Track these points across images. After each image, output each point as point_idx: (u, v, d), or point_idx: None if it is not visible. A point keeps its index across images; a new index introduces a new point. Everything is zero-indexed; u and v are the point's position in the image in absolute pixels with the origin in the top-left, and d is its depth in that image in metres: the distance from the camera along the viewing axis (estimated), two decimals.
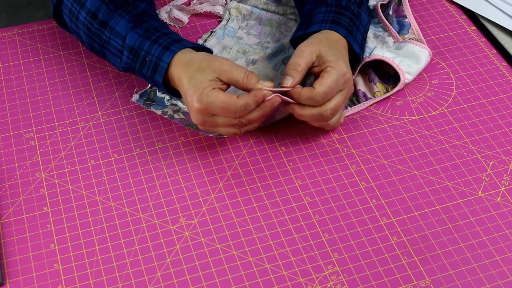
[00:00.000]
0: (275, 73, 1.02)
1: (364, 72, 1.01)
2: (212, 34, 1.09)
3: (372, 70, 1.01)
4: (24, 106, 1.00)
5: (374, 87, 1.00)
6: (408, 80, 0.99)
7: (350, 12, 0.95)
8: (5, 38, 1.10)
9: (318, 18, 0.95)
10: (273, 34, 1.08)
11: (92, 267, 0.82)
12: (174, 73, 0.89)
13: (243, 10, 1.11)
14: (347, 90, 0.90)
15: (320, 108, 0.88)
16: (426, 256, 0.83)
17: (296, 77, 0.88)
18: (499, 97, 1.00)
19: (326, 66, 0.88)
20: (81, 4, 0.95)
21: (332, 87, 0.87)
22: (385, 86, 1.00)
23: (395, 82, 1.00)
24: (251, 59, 1.04)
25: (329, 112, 0.89)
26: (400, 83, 0.99)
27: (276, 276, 0.81)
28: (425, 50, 1.01)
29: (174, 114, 0.97)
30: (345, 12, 0.95)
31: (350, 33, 0.94)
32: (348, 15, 0.95)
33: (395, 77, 1.01)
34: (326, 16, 0.95)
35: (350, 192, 0.89)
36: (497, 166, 0.92)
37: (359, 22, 0.96)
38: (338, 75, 0.88)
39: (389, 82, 1.01)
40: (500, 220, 0.86)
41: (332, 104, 0.89)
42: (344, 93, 0.90)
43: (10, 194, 0.90)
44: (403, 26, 1.06)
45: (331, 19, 0.94)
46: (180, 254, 0.83)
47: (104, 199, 0.89)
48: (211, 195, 0.89)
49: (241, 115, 0.86)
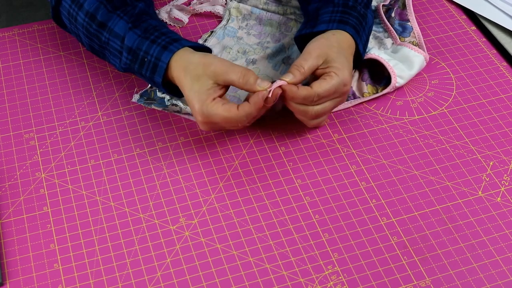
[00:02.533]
0: (275, 72, 1.02)
1: (359, 70, 1.01)
2: (212, 34, 1.09)
3: (367, 70, 1.01)
4: (24, 106, 1.00)
5: (365, 87, 1.00)
6: (399, 84, 0.99)
7: (357, 12, 0.95)
8: (5, 38, 1.10)
9: (325, 17, 0.95)
10: (273, 34, 1.08)
11: (92, 267, 0.82)
12: (174, 74, 0.89)
13: (243, 10, 1.11)
14: (339, 100, 0.90)
15: (307, 106, 0.89)
16: (426, 256, 0.83)
17: (298, 77, 0.88)
18: (499, 97, 1.00)
19: (330, 71, 0.88)
20: (79, 6, 0.95)
21: (329, 93, 0.88)
22: (375, 87, 1.00)
23: (387, 84, 1.00)
24: (251, 58, 1.04)
25: (313, 113, 0.89)
26: (390, 86, 0.99)
27: (276, 276, 0.81)
28: (420, 55, 1.01)
29: (175, 113, 0.97)
30: (352, 12, 0.95)
31: (358, 33, 0.94)
32: (355, 15, 0.95)
33: (387, 79, 1.01)
34: (333, 16, 0.94)
35: (350, 192, 0.89)
36: (497, 166, 0.92)
37: (365, 23, 0.96)
38: (339, 83, 0.88)
39: (381, 84, 1.01)
40: (500, 220, 0.86)
41: (320, 107, 0.89)
42: (336, 101, 0.90)
43: (10, 194, 0.90)
44: (405, 29, 1.06)
45: (338, 19, 0.94)
46: (180, 254, 0.83)
47: (104, 199, 0.89)
48: (211, 195, 0.89)
49: (244, 125, 0.87)
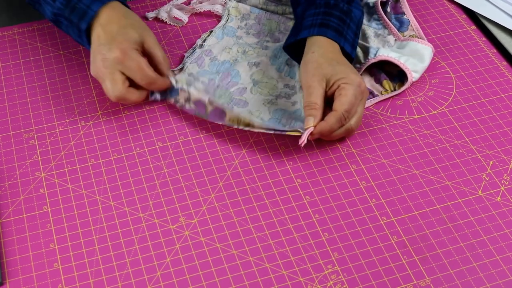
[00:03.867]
0: (280, 74, 1.02)
1: (371, 72, 1.01)
2: (211, 34, 1.09)
3: (377, 70, 1.01)
4: (24, 106, 1.00)
5: (380, 86, 1.00)
6: (415, 79, 1.00)
7: (339, 10, 0.95)
8: (5, 37, 1.10)
9: (307, 21, 0.95)
10: (272, 33, 1.08)
11: (92, 267, 0.82)
12: (103, 21, 0.94)
13: (242, 9, 1.11)
14: (365, 98, 0.91)
15: (346, 125, 0.90)
16: (426, 256, 0.83)
17: (317, 115, 0.88)
18: (499, 97, 1.00)
19: (339, 85, 0.89)
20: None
21: (353, 103, 0.88)
22: (392, 84, 1.00)
23: (400, 81, 1.01)
24: (253, 62, 1.03)
25: (354, 126, 0.91)
26: (407, 82, 0.99)
27: (276, 275, 0.81)
28: (428, 47, 1.01)
29: (185, 103, 0.97)
30: (333, 11, 0.95)
31: (340, 33, 0.94)
32: (337, 15, 0.95)
33: (399, 77, 1.01)
34: (315, 19, 0.95)
35: (350, 192, 0.89)
36: (497, 165, 0.92)
37: (349, 20, 0.96)
38: (354, 89, 0.88)
39: (394, 81, 1.01)
40: (500, 219, 0.86)
41: (355, 118, 0.90)
42: (363, 102, 0.91)
43: (10, 193, 0.90)
44: (402, 23, 1.07)
45: (319, 22, 0.94)
46: (180, 254, 0.83)
47: (104, 199, 0.89)
48: (210, 194, 0.89)
49: (147, 82, 0.93)
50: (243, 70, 1.02)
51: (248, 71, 1.02)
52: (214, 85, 1.00)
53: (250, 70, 1.02)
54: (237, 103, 0.98)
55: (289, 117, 0.95)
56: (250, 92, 0.99)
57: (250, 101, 0.98)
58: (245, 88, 1.00)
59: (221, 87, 1.00)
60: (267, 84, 1.00)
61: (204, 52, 1.05)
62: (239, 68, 1.02)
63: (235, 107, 0.97)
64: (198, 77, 1.01)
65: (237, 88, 1.00)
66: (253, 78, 1.01)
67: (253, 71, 1.02)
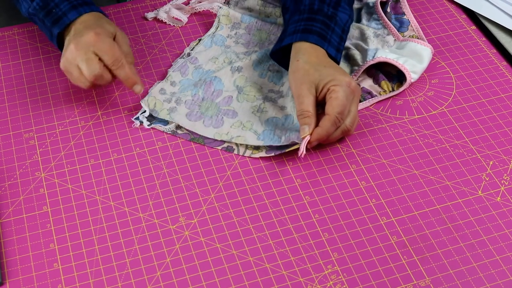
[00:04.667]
0: (263, 80, 1.01)
1: (369, 73, 1.01)
2: (200, 42, 1.08)
3: (376, 71, 1.01)
4: (24, 106, 1.00)
5: (379, 87, 1.00)
6: (414, 79, 1.00)
7: (323, 15, 0.95)
8: (5, 37, 1.10)
9: (291, 28, 0.96)
10: (262, 43, 1.07)
11: (91, 267, 0.82)
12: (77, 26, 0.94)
13: (233, 18, 1.10)
14: (357, 96, 0.91)
15: (341, 127, 0.90)
16: (425, 256, 0.83)
17: (311, 122, 0.89)
18: (499, 97, 1.00)
19: (328, 88, 0.89)
20: None
21: (344, 104, 0.88)
22: (391, 85, 1.00)
23: (399, 81, 1.01)
24: (236, 66, 1.03)
25: (349, 126, 0.91)
26: (406, 83, 0.99)
27: (276, 275, 0.81)
28: (427, 48, 1.01)
29: (177, 130, 0.96)
30: (316, 17, 0.95)
31: (324, 37, 0.94)
32: (320, 19, 0.95)
33: (398, 77, 1.01)
34: (298, 26, 0.95)
35: (350, 192, 0.89)
36: (497, 165, 0.92)
37: (334, 24, 0.96)
38: (344, 89, 0.88)
39: (393, 82, 1.01)
40: (499, 219, 0.86)
41: (349, 118, 0.90)
42: (356, 101, 0.91)
43: (10, 193, 0.90)
44: (402, 23, 1.07)
45: (302, 28, 0.94)
46: (179, 254, 0.83)
47: (104, 199, 0.89)
48: (210, 194, 0.89)
49: (114, 63, 0.92)
50: (225, 76, 1.01)
51: (230, 77, 1.01)
52: (199, 100, 0.99)
53: (233, 76, 1.01)
54: (226, 113, 0.97)
55: (282, 127, 0.95)
56: (236, 101, 0.98)
57: (239, 111, 0.97)
58: (231, 97, 0.99)
59: (206, 99, 0.99)
60: (251, 88, 1.00)
61: (189, 59, 1.04)
62: (222, 76, 1.01)
63: (225, 117, 0.96)
64: (181, 98, 0.98)
65: (222, 98, 0.99)
66: (237, 85, 1.00)
67: (236, 77, 1.01)
